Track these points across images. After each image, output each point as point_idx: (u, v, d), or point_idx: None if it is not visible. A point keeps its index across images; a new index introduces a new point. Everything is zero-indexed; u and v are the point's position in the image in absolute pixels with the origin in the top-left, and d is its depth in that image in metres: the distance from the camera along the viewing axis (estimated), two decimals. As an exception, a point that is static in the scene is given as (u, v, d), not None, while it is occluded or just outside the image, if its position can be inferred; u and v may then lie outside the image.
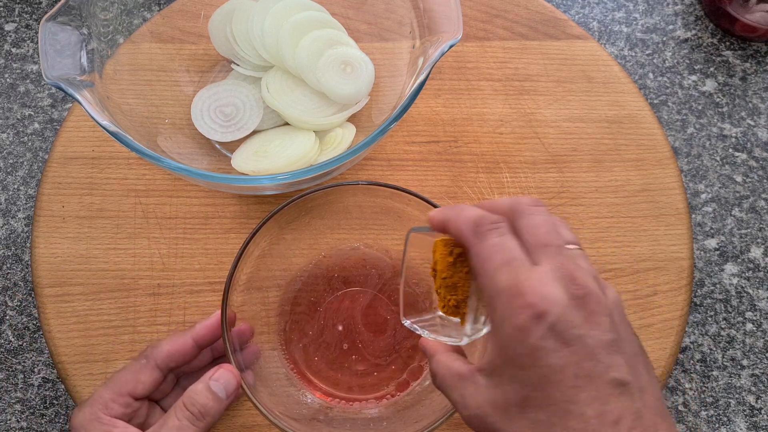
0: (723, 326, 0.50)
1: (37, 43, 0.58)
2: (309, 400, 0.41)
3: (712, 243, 0.52)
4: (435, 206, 0.39)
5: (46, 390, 0.47)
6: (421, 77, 0.39)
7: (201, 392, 0.34)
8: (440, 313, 0.32)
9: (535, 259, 0.27)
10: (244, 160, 0.46)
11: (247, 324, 0.39)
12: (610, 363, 0.25)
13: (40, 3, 0.59)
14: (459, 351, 0.32)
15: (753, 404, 0.48)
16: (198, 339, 0.38)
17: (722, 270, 0.51)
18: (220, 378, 0.35)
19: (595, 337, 0.25)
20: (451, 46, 0.39)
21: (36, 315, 0.49)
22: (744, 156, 0.55)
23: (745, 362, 0.49)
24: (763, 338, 0.49)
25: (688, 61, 0.59)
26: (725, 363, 0.49)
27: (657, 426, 0.25)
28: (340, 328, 0.43)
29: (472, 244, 0.28)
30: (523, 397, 0.25)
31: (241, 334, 0.39)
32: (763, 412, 0.48)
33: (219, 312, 0.38)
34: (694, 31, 0.60)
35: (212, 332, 0.38)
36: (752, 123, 0.56)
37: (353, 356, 0.43)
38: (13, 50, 0.57)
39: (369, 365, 0.43)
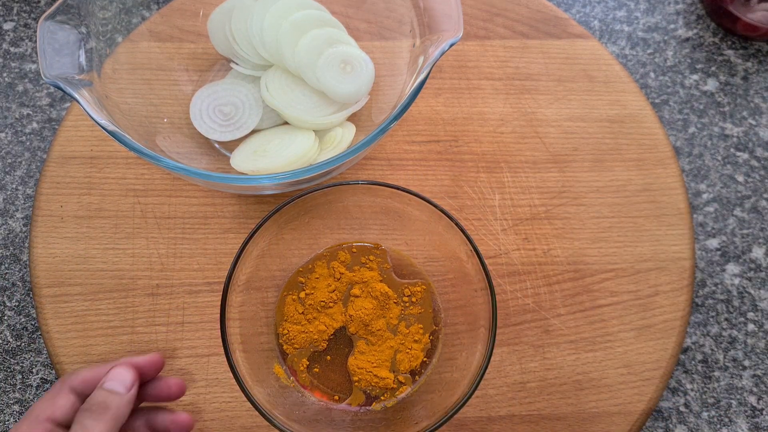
0: (724, 327, 0.50)
1: (35, 42, 0.57)
2: (309, 401, 0.41)
3: (713, 243, 0.52)
4: (435, 206, 0.39)
5: (44, 391, 0.47)
6: (422, 76, 0.39)
7: (96, 394, 0.32)
8: None
9: None
10: (243, 160, 0.46)
11: (157, 356, 0.36)
12: None
13: (39, 2, 0.59)
14: None
15: (755, 405, 0.48)
16: None
17: (724, 270, 0.51)
18: (112, 376, 0.33)
19: None
20: (451, 45, 0.39)
21: (34, 315, 0.49)
22: (746, 156, 0.55)
23: (746, 363, 0.49)
24: (765, 339, 0.49)
25: (689, 61, 0.58)
26: (727, 364, 0.49)
27: None
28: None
29: None
30: None
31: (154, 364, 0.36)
32: (764, 413, 0.47)
33: (150, 354, 0.35)
34: (695, 31, 0.60)
35: (134, 369, 0.35)
36: (754, 122, 0.56)
37: (352, 356, 0.43)
38: (12, 49, 0.57)
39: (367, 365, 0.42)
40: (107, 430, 0.31)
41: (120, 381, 0.33)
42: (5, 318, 0.48)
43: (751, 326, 0.50)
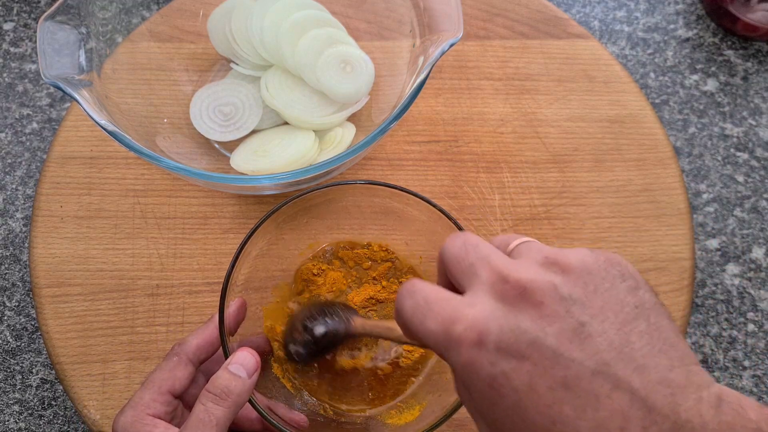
0: (724, 327, 0.50)
1: (35, 42, 0.57)
2: (308, 401, 0.41)
3: (713, 243, 0.52)
4: (435, 206, 0.39)
5: (44, 391, 0.47)
6: (422, 76, 0.39)
7: (221, 376, 0.34)
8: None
9: (462, 290, 0.24)
10: (243, 160, 0.46)
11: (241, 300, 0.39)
12: (583, 357, 0.21)
13: (39, 2, 0.59)
14: None
15: (755, 405, 0.48)
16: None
17: (724, 270, 0.51)
18: (238, 360, 0.35)
19: (554, 333, 0.21)
20: (451, 45, 0.38)
21: (34, 315, 0.49)
22: (746, 156, 0.55)
23: (746, 363, 0.49)
24: (765, 339, 0.49)
25: (689, 61, 0.58)
26: (727, 364, 0.49)
27: (677, 413, 0.20)
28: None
29: (402, 324, 0.25)
30: None
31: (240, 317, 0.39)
32: (764, 413, 0.47)
33: (238, 300, 0.38)
34: (695, 31, 0.60)
35: (235, 318, 0.38)
36: (754, 123, 0.56)
37: (351, 356, 0.43)
38: (12, 49, 0.57)
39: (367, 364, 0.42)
40: (228, 415, 0.33)
41: (244, 366, 0.34)
42: (5, 318, 0.48)
43: (751, 326, 0.50)
